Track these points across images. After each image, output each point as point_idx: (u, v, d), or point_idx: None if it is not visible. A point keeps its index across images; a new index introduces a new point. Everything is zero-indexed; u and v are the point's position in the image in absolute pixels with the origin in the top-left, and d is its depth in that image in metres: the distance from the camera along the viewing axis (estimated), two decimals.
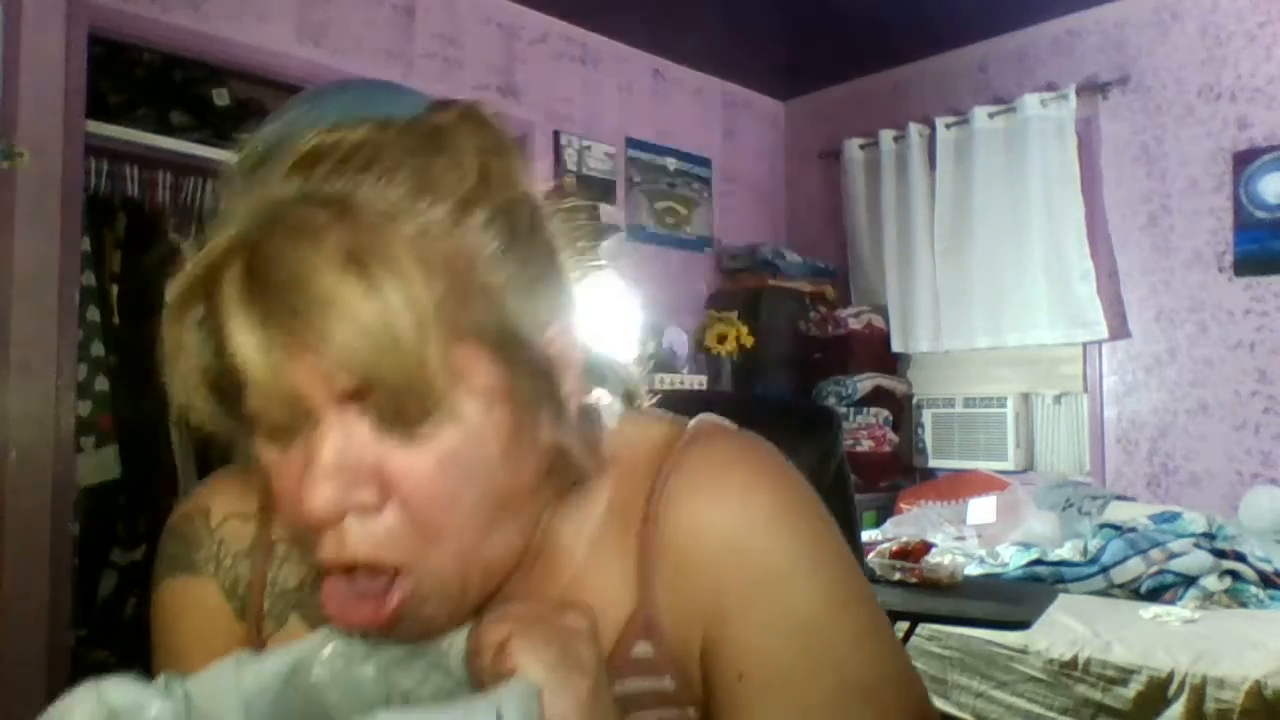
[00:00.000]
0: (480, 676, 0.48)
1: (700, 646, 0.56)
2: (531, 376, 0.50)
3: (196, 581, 0.64)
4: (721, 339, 3.96)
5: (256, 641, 0.61)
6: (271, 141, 0.51)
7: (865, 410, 4.00)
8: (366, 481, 0.47)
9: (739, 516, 0.56)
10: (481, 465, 0.49)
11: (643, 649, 0.56)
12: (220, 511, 0.65)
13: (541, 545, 0.58)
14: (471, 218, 0.48)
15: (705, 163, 4.38)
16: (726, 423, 0.63)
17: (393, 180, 0.47)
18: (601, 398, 0.61)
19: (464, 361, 0.47)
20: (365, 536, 0.47)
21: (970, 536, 3.32)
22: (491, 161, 0.51)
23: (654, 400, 0.66)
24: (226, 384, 0.47)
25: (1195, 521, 2.82)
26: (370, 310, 0.43)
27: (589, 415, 0.58)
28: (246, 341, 0.44)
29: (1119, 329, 3.59)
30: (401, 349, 0.44)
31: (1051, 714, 2.31)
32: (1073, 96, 3.65)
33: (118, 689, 0.44)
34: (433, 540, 0.48)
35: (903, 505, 3.83)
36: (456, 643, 0.52)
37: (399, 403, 0.46)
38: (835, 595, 0.56)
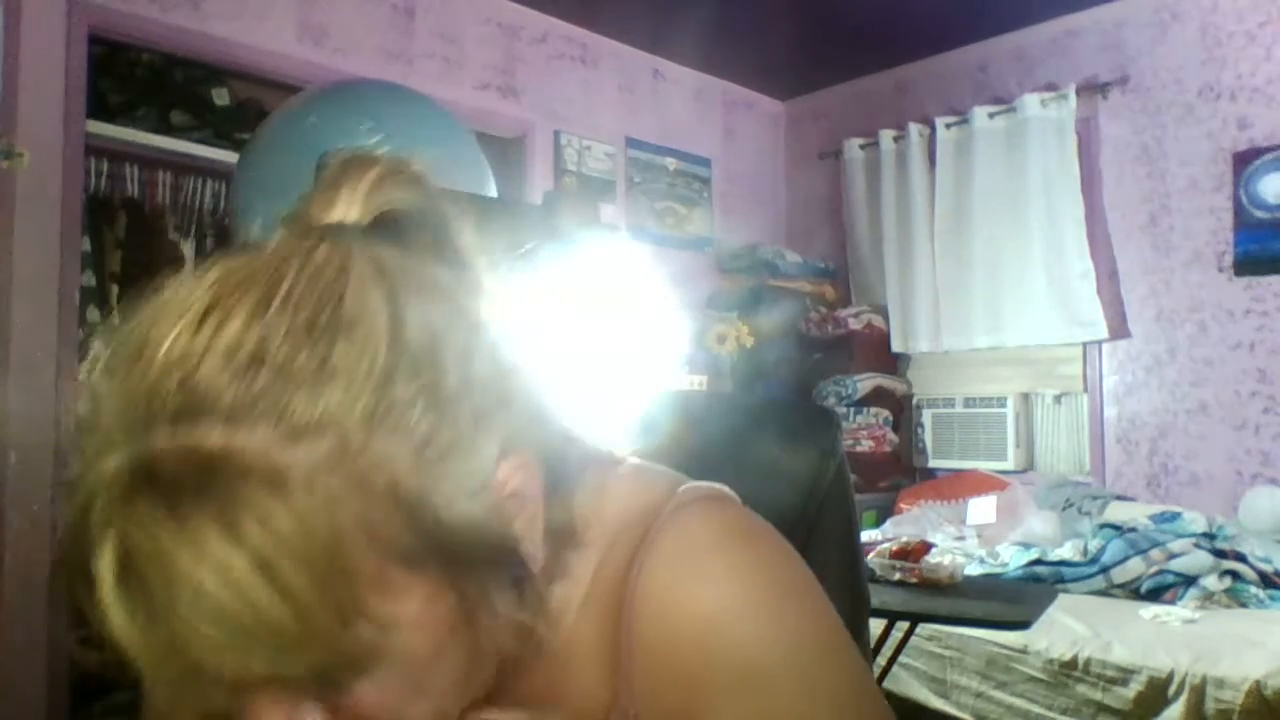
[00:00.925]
0: None
1: None
2: (477, 562, 0.44)
3: None
4: (721, 339, 3.96)
5: None
6: (140, 331, 0.42)
7: (865, 410, 4.00)
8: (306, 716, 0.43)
9: (714, 606, 0.50)
10: (435, 674, 0.45)
11: None
12: None
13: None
14: (385, 417, 0.40)
15: (705, 163, 4.38)
16: (718, 489, 0.57)
17: (280, 400, 0.39)
18: (575, 466, 0.55)
19: (391, 598, 0.41)
20: None
21: (970, 536, 3.32)
22: (408, 307, 0.42)
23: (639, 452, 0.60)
24: None
25: (1195, 521, 2.82)
26: (265, 603, 0.37)
27: (560, 495, 0.52)
28: (134, 646, 0.40)
29: (1119, 329, 3.59)
30: (310, 635, 0.39)
31: (1051, 714, 2.31)
32: (1072, 96, 3.64)
33: None
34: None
35: (903, 505, 3.83)
36: None
37: (323, 679, 0.41)
38: (821, 692, 0.51)
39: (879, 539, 2.73)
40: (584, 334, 0.57)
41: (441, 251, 0.48)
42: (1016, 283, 3.77)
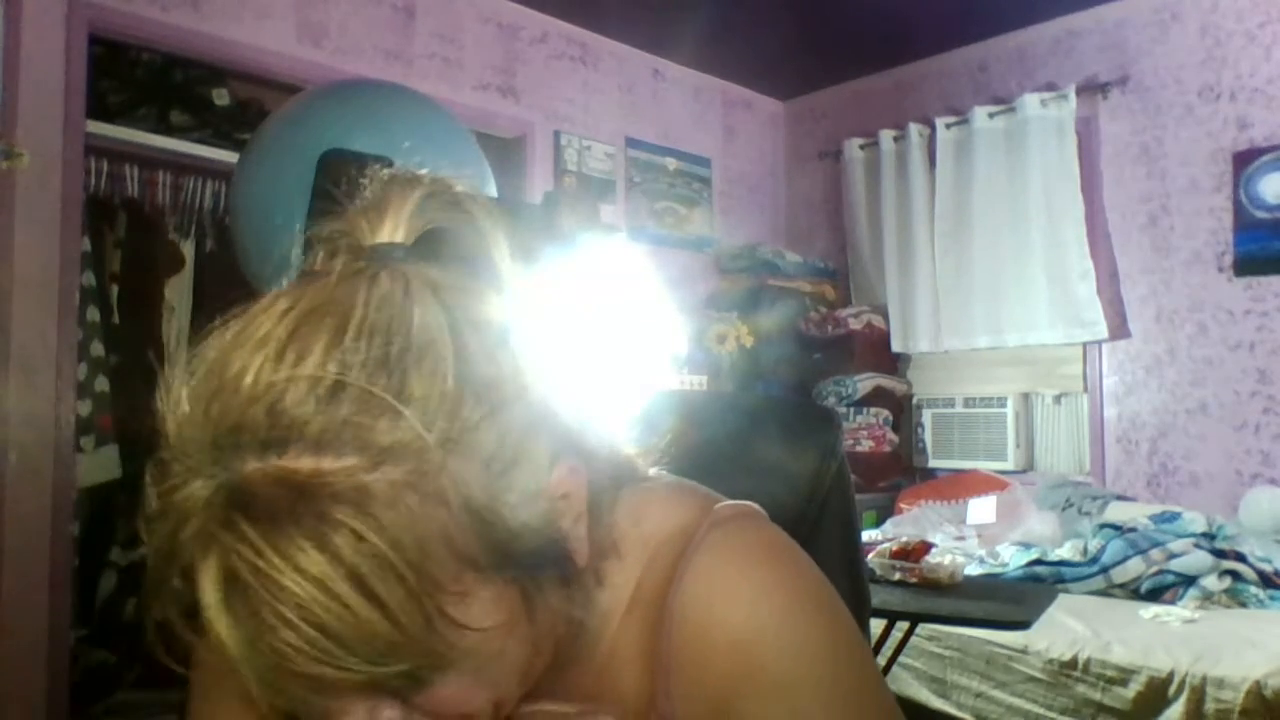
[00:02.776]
0: None
1: None
2: (538, 565, 0.49)
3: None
4: (721, 339, 3.96)
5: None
6: (218, 363, 0.45)
7: (865, 410, 4.00)
8: (385, 709, 0.46)
9: (751, 620, 0.54)
10: (502, 669, 0.49)
11: None
12: None
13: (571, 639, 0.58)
14: (459, 439, 0.44)
15: (705, 163, 4.38)
16: (750, 507, 0.61)
17: (363, 426, 0.42)
18: (615, 479, 0.59)
19: (471, 605, 0.45)
20: None
21: (970, 536, 3.32)
22: (468, 331, 0.46)
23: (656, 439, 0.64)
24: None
25: (1195, 521, 2.82)
26: (361, 613, 0.41)
27: (602, 507, 0.56)
28: (239, 654, 0.43)
29: (1119, 329, 3.59)
30: (403, 642, 0.42)
31: (1051, 714, 2.31)
32: (1072, 96, 3.64)
33: None
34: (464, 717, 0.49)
35: (903, 505, 3.83)
36: None
37: (411, 679, 0.44)
38: (847, 703, 0.55)
39: (879, 539, 2.73)
40: (586, 335, 0.58)
41: (483, 267, 0.51)
42: (1016, 283, 3.77)
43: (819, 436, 0.81)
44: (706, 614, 0.55)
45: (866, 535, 3.10)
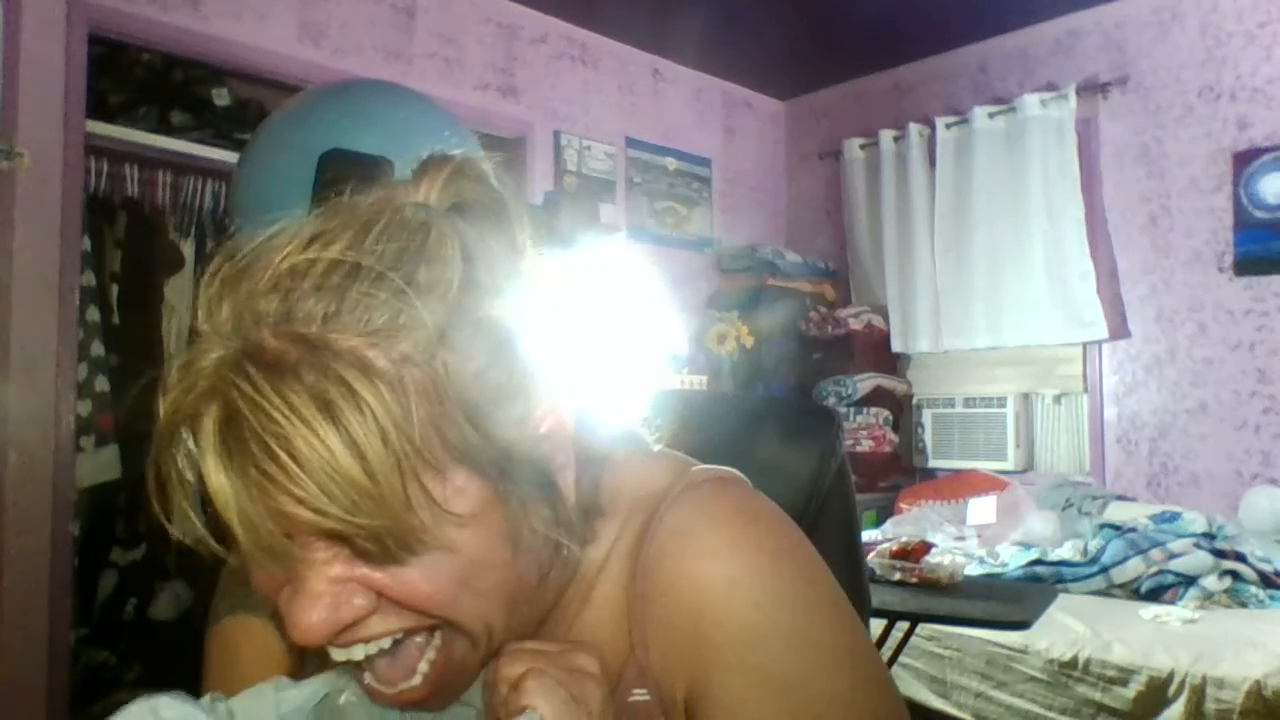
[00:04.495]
0: (495, 710, 0.51)
1: (684, 695, 0.57)
2: (519, 482, 0.51)
3: (256, 621, 0.68)
4: (721, 339, 3.96)
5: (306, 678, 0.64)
6: (249, 252, 0.49)
7: (865, 410, 4.00)
8: (355, 594, 0.48)
9: (717, 573, 0.56)
10: (475, 571, 0.50)
11: (640, 695, 0.58)
12: None
13: (558, 583, 0.60)
14: (453, 336, 0.48)
15: (705, 163, 4.38)
16: (724, 471, 0.63)
17: (370, 307, 0.46)
18: (603, 444, 0.61)
19: (447, 490, 0.47)
20: (370, 625, 0.49)
21: (970, 536, 3.32)
22: (477, 257, 0.50)
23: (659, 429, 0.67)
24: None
25: (1195, 521, 2.82)
26: (345, 465, 0.43)
27: (589, 464, 0.58)
28: (223, 494, 0.45)
29: (1119, 329, 3.59)
30: (379, 500, 0.44)
31: (1051, 714, 2.31)
32: (1073, 96, 3.64)
33: (169, 707, 0.47)
34: (438, 621, 0.50)
35: (903, 505, 3.83)
36: None
37: (381, 545, 0.46)
38: (818, 655, 0.56)
39: (879, 539, 2.73)
40: (589, 322, 0.61)
41: (502, 236, 0.55)
42: (1016, 283, 3.77)
43: (819, 436, 0.81)
44: (677, 566, 0.57)
45: (866, 535, 3.10)
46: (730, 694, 0.55)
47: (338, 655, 0.50)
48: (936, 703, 2.48)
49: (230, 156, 2.84)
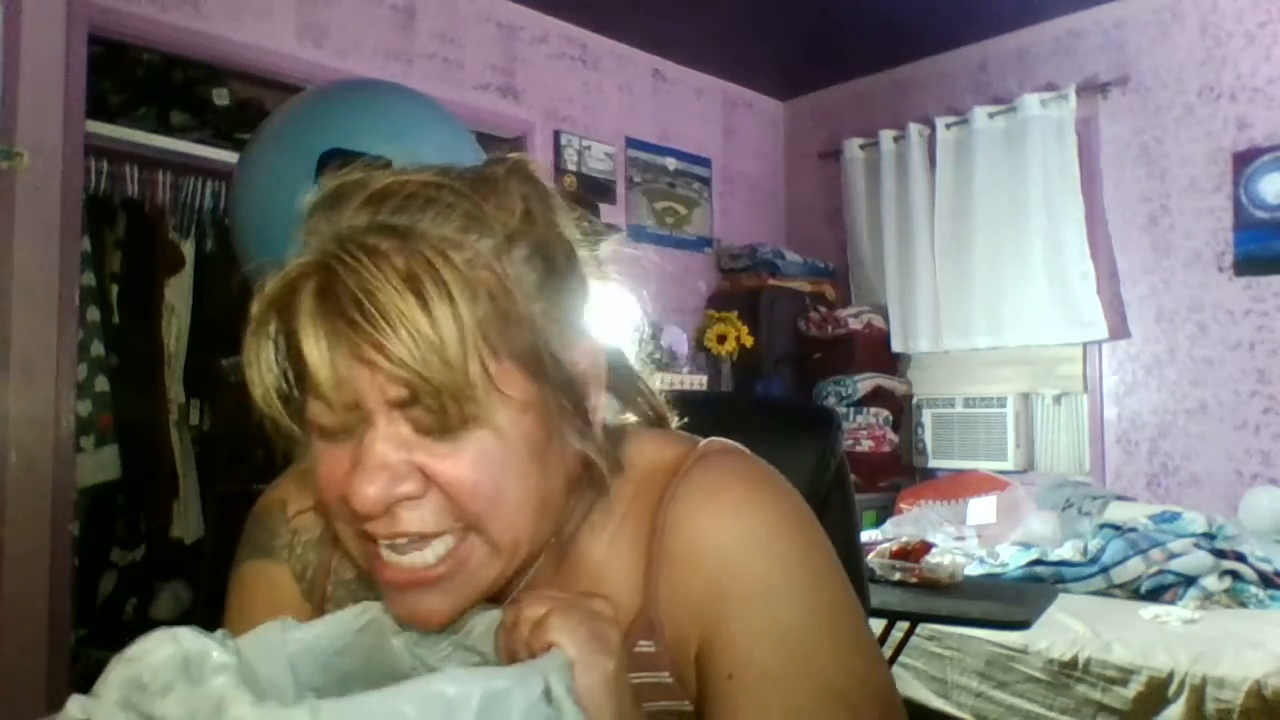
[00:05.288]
0: (514, 648, 0.54)
1: (696, 647, 0.61)
2: (559, 393, 0.57)
3: (273, 565, 0.71)
4: (721, 339, 3.96)
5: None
6: (347, 180, 0.57)
7: (865, 410, 3.99)
8: (409, 476, 0.53)
9: (734, 531, 0.61)
10: (514, 465, 0.55)
11: (645, 646, 0.62)
12: (295, 504, 0.72)
13: (568, 547, 0.65)
14: (514, 251, 0.56)
15: (705, 163, 4.38)
16: (734, 444, 0.68)
17: (448, 216, 0.54)
18: (627, 417, 0.68)
19: (501, 376, 0.53)
20: (413, 518, 0.54)
21: (970, 536, 3.32)
22: (534, 206, 0.59)
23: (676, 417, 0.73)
24: (290, 392, 0.55)
25: (1195, 521, 2.82)
26: (423, 326, 0.50)
27: (612, 432, 0.64)
28: (316, 350, 0.51)
29: (1119, 329, 3.59)
30: (448, 361, 0.51)
31: (1051, 714, 2.31)
32: (1073, 96, 3.64)
33: (188, 636, 0.48)
34: (472, 521, 0.55)
35: (903, 505, 3.83)
36: (478, 624, 0.58)
37: (442, 408, 0.52)
38: (821, 608, 0.61)
39: (879, 539, 2.73)
40: (618, 307, 0.67)
41: (549, 209, 0.62)
42: (1016, 283, 3.77)
43: (819, 436, 0.81)
44: (693, 526, 0.62)
45: (866, 535, 3.10)
46: (741, 644, 0.59)
47: (378, 528, 0.54)
48: (936, 703, 2.48)
49: (230, 156, 2.84)
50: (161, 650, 0.47)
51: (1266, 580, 2.68)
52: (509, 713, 0.44)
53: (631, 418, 0.70)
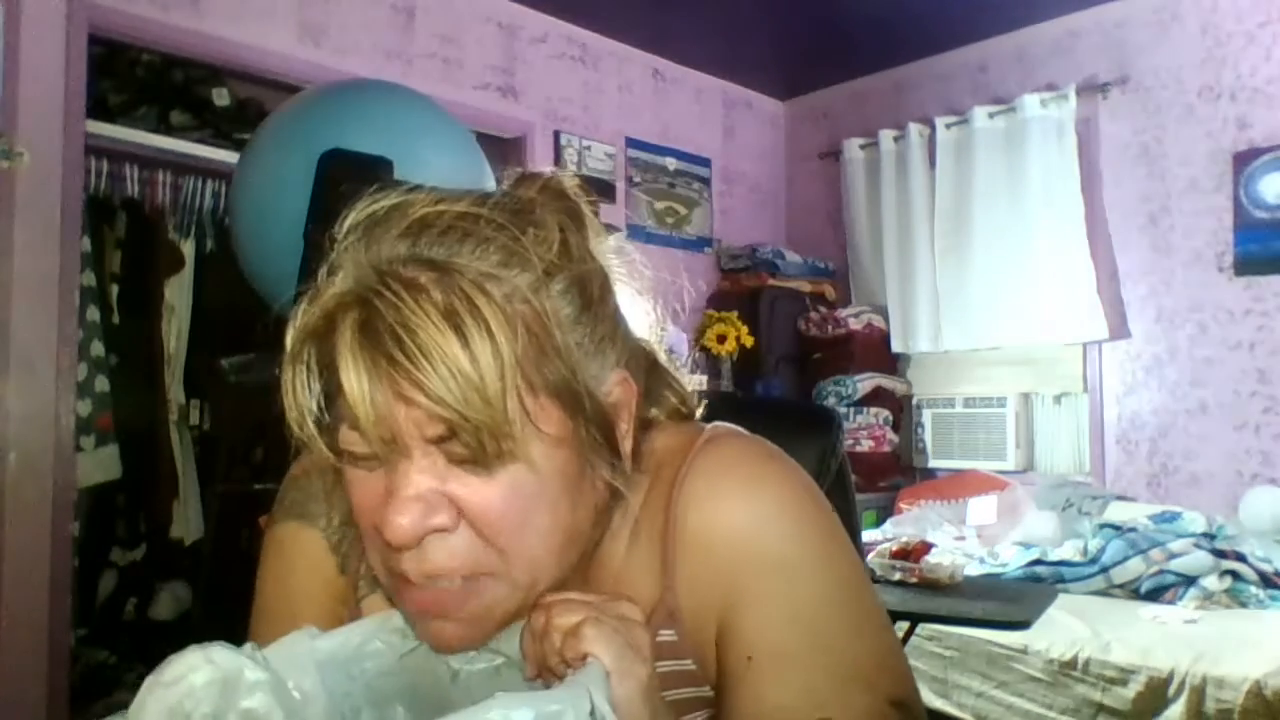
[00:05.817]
0: (546, 657, 0.55)
1: (715, 630, 0.62)
2: (592, 426, 0.58)
3: (310, 530, 0.71)
4: (721, 339, 3.96)
5: (352, 599, 0.69)
6: (385, 205, 0.57)
7: (865, 410, 3.99)
8: (442, 508, 0.54)
9: (746, 514, 0.62)
10: (546, 500, 0.56)
11: (667, 634, 0.63)
12: (333, 475, 0.71)
13: (591, 552, 0.65)
14: (552, 285, 0.56)
15: (705, 163, 4.38)
16: (738, 429, 0.69)
17: (487, 249, 0.54)
18: (653, 413, 0.68)
19: (537, 412, 0.54)
20: (441, 552, 0.54)
21: (970, 536, 3.32)
22: (571, 235, 0.59)
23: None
24: (322, 417, 0.55)
25: (1195, 521, 2.82)
26: (463, 364, 0.50)
27: (642, 432, 0.65)
28: (356, 385, 0.51)
29: (1119, 329, 3.59)
30: (487, 399, 0.51)
31: (1051, 714, 2.31)
32: (1072, 96, 3.64)
33: (221, 654, 0.49)
34: (502, 556, 0.55)
35: (903, 505, 3.83)
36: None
37: (479, 444, 0.52)
38: (835, 584, 0.62)
39: (879, 539, 2.74)
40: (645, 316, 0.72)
41: (581, 231, 0.63)
42: (1016, 283, 3.77)
43: (819, 437, 0.81)
44: (704, 511, 0.62)
45: (866, 535, 3.10)
46: (758, 624, 0.60)
47: (407, 562, 0.54)
48: (937, 703, 2.48)
49: (230, 156, 2.84)
50: (199, 674, 0.48)
51: (1266, 580, 2.67)
52: None
53: (658, 413, 0.70)
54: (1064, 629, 2.38)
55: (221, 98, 3.22)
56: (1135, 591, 2.72)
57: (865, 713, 0.60)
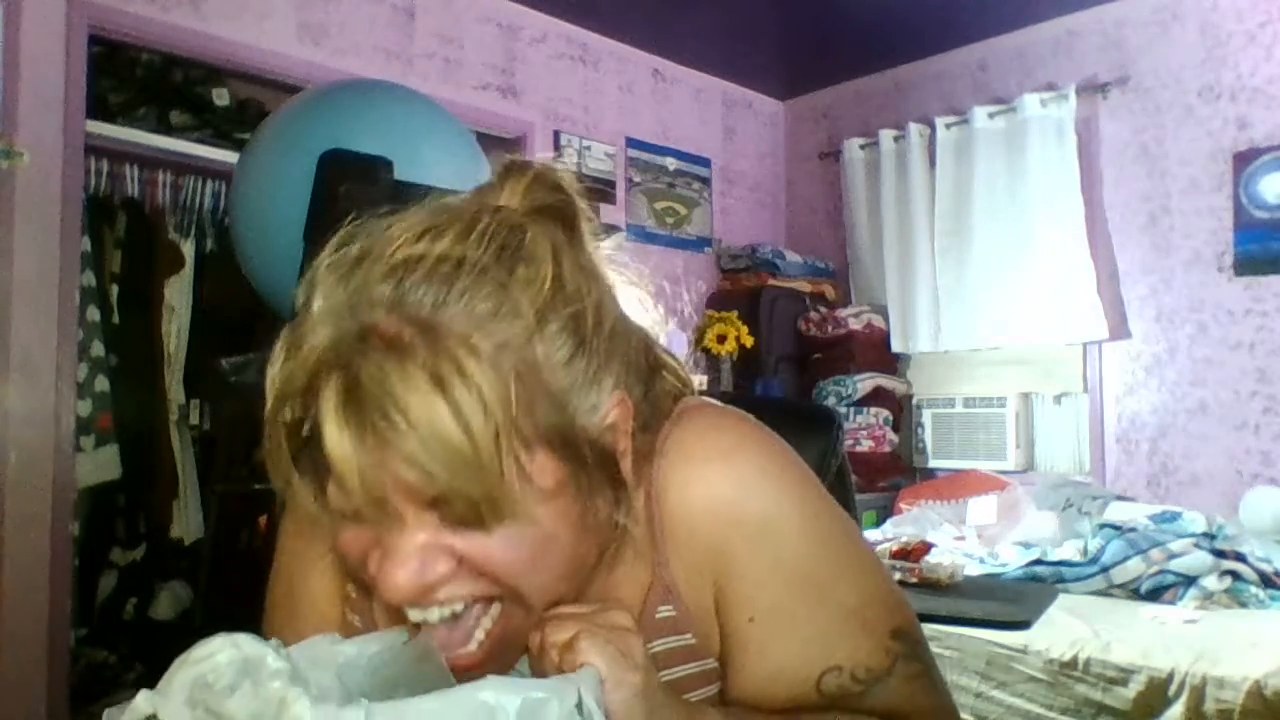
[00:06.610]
0: (545, 673, 0.55)
1: (712, 599, 0.64)
2: (592, 466, 0.56)
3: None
4: (721, 339, 3.96)
5: (363, 596, 0.68)
6: (363, 246, 0.55)
7: (865, 410, 3.99)
8: (440, 558, 0.53)
9: (724, 482, 0.63)
10: (549, 544, 0.55)
11: (665, 611, 0.64)
12: None
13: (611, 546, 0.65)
14: (545, 328, 0.53)
15: (705, 163, 4.38)
16: (708, 400, 0.70)
17: (474, 298, 0.52)
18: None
19: (533, 466, 0.52)
20: (443, 592, 0.54)
21: (970, 536, 3.32)
22: (564, 258, 0.56)
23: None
24: (314, 471, 0.53)
25: (1195, 521, 2.81)
26: (454, 435, 0.48)
27: (642, 433, 0.64)
28: (341, 451, 0.49)
29: (1119, 329, 3.59)
30: (478, 468, 0.49)
31: (1051, 714, 2.31)
32: (1072, 96, 3.64)
33: (247, 642, 0.51)
34: (506, 592, 0.55)
35: (903, 505, 3.83)
36: None
37: (474, 510, 0.51)
38: (821, 536, 0.64)
39: (879, 539, 2.74)
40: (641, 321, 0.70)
41: (573, 236, 0.61)
42: (1016, 283, 3.77)
43: (819, 437, 0.81)
44: (683, 483, 0.63)
45: (866, 535, 3.09)
46: (752, 582, 0.62)
47: (414, 616, 0.54)
48: None
49: (230, 156, 2.84)
50: (224, 654, 0.50)
51: (1266, 580, 2.67)
52: None
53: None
54: (1064, 629, 2.38)
55: (221, 98, 3.22)
56: (1135, 591, 2.71)
57: (870, 650, 0.62)
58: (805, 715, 0.62)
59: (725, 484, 0.62)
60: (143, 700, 0.49)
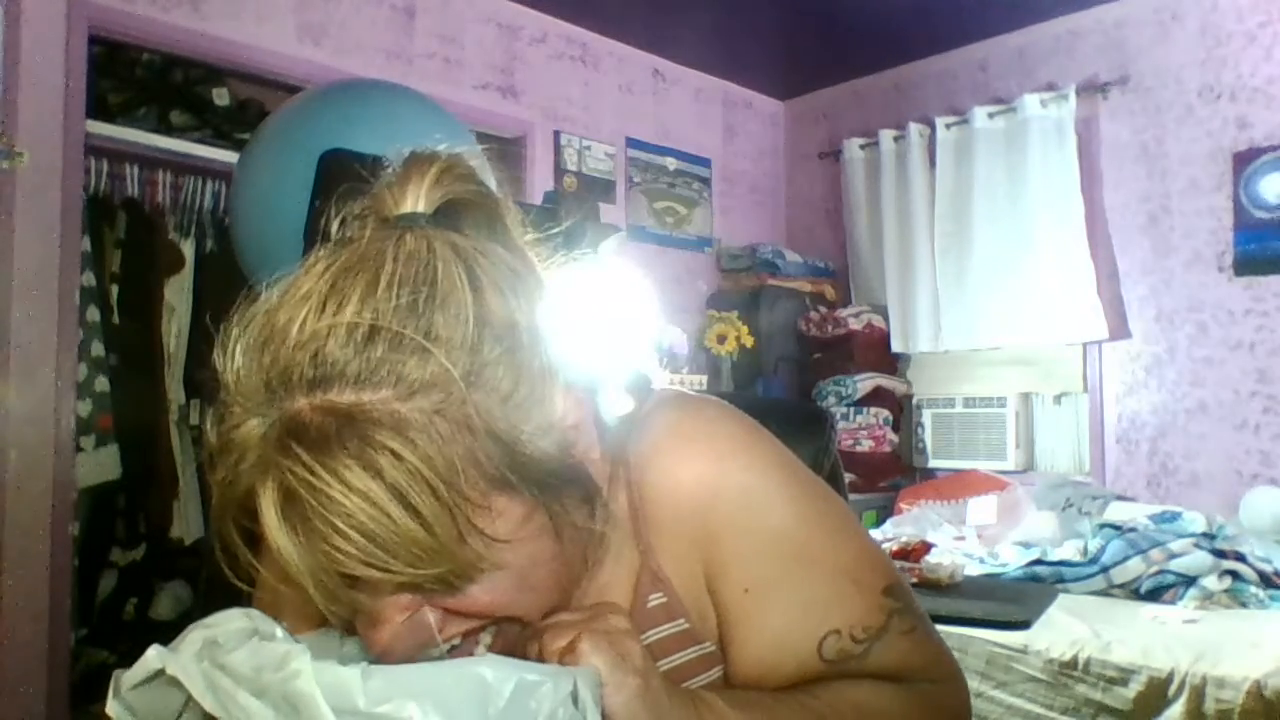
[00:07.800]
0: None
1: (704, 580, 0.64)
2: (557, 485, 0.55)
3: None
4: (721, 339, 3.96)
5: None
6: (268, 316, 0.51)
7: (865, 410, 3.99)
8: (425, 616, 0.53)
9: (700, 463, 0.63)
10: (532, 576, 0.55)
11: (656, 599, 0.64)
12: None
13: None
14: (480, 373, 0.50)
15: (705, 163, 4.38)
16: (677, 389, 0.70)
17: (396, 366, 0.48)
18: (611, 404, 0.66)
19: (493, 517, 0.51)
20: (438, 640, 0.54)
21: (970, 536, 3.32)
22: (484, 279, 0.52)
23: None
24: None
25: (1195, 521, 2.81)
26: (400, 522, 0.47)
27: (603, 430, 0.63)
28: (295, 563, 0.49)
29: (1119, 329, 3.59)
30: (436, 550, 0.48)
31: (1051, 714, 2.31)
32: (1073, 96, 3.64)
33: (259, 616, 0.52)
34: (501, 619, 0.55)
35: (903, 505, 3.83)
36: None
37: (443, 581, 0.50)
38: (803, 502, 0.64)
39: (879, 539, 2.73)
40: (590, 321, 0.65)
41: (495, 232, 0.57)
42: (1016, 283, 3.77)
43: (812, 437, 0.82)
44: (661, 469, 0.63)
45: None
46: (742, 556, 0.62)
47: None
48: None
49: (230, 156, 2.84)
50: (235, 622, 0.51)
51: (1266, 580, 2.67)
52: (539, 703, 0.47)
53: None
54: (1064, 629, 2.38)
55: (221, 98, 3.22)
56: (1135, 591, 2.71)
57: (866, 610, 0.63)
58: (810, 688, 0.62)
59: (702, 462, 0.63)
60: (153, 655, 0.50)
